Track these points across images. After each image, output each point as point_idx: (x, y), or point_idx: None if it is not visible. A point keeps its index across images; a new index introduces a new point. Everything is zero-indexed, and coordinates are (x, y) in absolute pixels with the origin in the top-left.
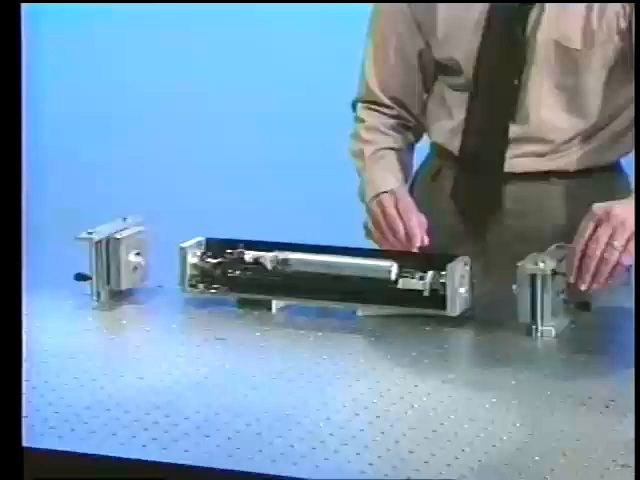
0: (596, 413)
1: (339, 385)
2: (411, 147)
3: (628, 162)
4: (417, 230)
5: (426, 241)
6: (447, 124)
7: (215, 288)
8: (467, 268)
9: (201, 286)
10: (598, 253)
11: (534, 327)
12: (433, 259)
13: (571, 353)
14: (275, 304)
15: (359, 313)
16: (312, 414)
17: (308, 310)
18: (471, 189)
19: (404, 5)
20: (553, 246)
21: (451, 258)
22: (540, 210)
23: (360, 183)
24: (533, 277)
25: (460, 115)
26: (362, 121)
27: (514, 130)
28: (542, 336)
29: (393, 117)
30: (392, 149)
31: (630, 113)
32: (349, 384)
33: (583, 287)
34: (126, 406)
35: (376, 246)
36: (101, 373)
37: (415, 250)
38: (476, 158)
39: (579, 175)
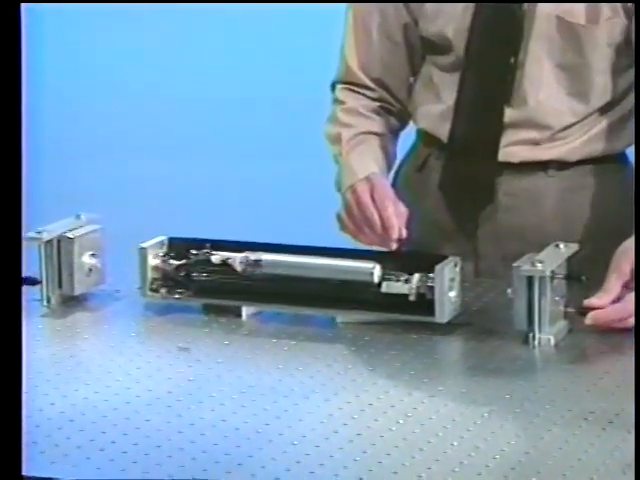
0: (598, 429)
1: (315, 399)
2: (395, 134)
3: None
4: (394, 220)
5: (404, 233)
6: (435, 108)
7: (178, 293)
8: (457, 270)
9: (163, 291)
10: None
11: (531, 335)
12: (420, 260)
13: (572, 363)
14: (245, 310)
15: (338, 320)
16: (286, 431)
17: (282, 317)
18: (461, 181)
19: None
20: (551, 245)
21: (440, 258)
22: (537, 205)
23: (337, 171)
24: (530, 280)
25: (450, 98)
26: (341, 103)
27: (510, 114)
28: (540, 345)
29: (375, 100)
30: (373, 134)
31: (632, 100)
32: (326, 398)
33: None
34: (79, 424)
35: (359, 245)
36: (51, 387)
37: (393, 244)
38: (467, 146)
39: (580, 166)
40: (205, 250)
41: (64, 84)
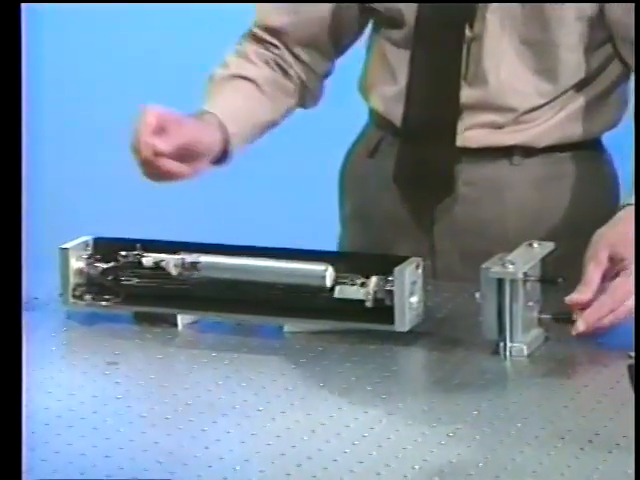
0: (576, 450)
1: (260, 419)
2: (286, 99)
3: (613, 140)
4: (147, 133)
5: (162, 146)
6: (389, 89)
7: (105, 300)
8: (420, 272)
9: (88, 297)
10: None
11: (502, 345)
12: (377, 261)
13: (547, 376)
14: (181, 319)
15: (286, 329)
16: (226, 454)
17: (222, 326)
18: (416, 169)
19: None
20: (524, 244)
21: (400, 260)
22: (499, 197)
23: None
24: (500, 283)
25: (404, 78)
26: (238, 44)
27: (467, 94)
28: (511, 356)
29: (276, 54)
30: (248, 79)
31: (609, 77)
32: (272, 417)
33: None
34: None
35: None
36: None
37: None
38: (422, 130)
39: (549, 154)
40: (135, 251)
41: (64, 84)
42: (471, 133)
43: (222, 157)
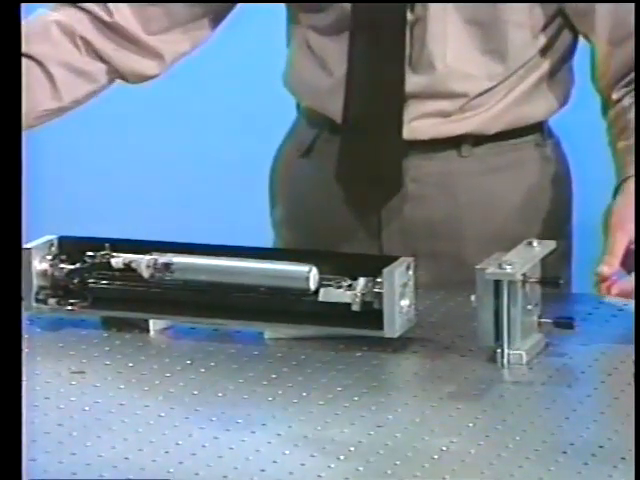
0: (579, 464)
1: (239, 432)
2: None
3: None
4: None
5: None
6: (322, 82)
7: (71, 304)
8: (411, 273)
9: (52, 301)
10: None
11: (499, 351)
12: (365, 261)
13: (547, 385)
14: (153, 324)
15: (267, 335)
16: (202, 470)
17: (197, 332)
18: (360, 167)
19: None
20: (523, 243)
21: (389, 260)
22: (451, 192)
23: None
24: (497, 285)
25: (339, 69)
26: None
27: (413, 81)
28: (509, 363)
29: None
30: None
31: (556, 54)
32: (252, 430)
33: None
34: None
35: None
36: None
37: None
38: (364, 124)
39: (496, 142)
40: (104, 252)
41: None
42: (418, 124)
43: None
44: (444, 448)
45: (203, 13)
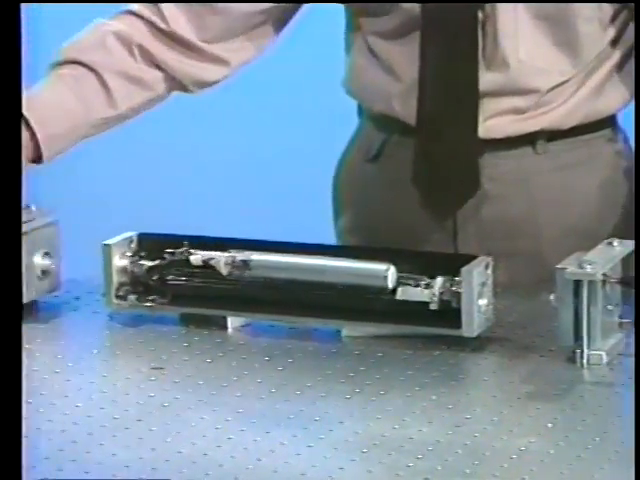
0: None
1: (316, 430)
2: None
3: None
4: None
5: None
6: (391, 86)
7: (151, 300)
8: (489, 272)
9: (132, 298)
10: None
11: (579, 352)
12: (444, 260)
13: (628, 386)
14: (231, 321)
15: (344, 333)
16: (281, 468)
17: (276, 329)
18: (437, 169)
19: None
20: (603, 242)
21: (468, 259)
22: (527, 190)
23: None
24: (577, 285)
25: (408, 73)
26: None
27: (487, 79)
28: (589, 363)
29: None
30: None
31: (623, 47)
32: (329, 429)
33: None
34: (32, 459)
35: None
36: None
37: None
38: (440, 125)
39: (570, 138)
40: (183, 249)
41: None
42: (493, 122)
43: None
44: (523, 448)
45: (264, 20)
